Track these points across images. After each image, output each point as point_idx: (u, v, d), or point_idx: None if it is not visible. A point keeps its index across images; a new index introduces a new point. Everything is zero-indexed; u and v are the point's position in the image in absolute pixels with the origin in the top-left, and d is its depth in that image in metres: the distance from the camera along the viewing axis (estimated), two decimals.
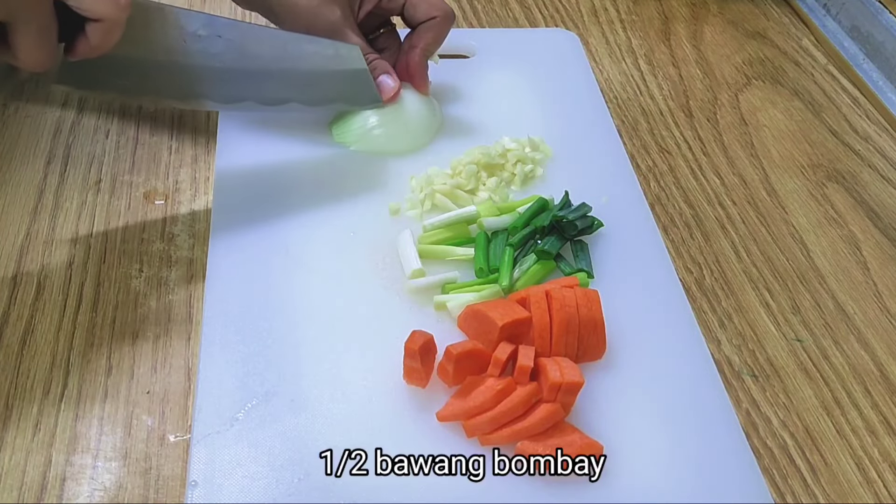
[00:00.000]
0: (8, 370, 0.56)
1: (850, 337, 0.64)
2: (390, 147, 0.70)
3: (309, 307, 0.58)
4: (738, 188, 0.76)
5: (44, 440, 0.52)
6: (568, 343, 0.54)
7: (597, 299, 0.55)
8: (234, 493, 0.48)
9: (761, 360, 0.61)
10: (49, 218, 0.66)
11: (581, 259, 0.62)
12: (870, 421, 0.58)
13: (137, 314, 0.60)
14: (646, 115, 0.83)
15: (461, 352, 0.52)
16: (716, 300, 0.65)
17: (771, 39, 0.96)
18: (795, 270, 0.68)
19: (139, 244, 0.64)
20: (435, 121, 0.72)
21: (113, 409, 0.54)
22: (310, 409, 0.52)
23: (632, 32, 0.94)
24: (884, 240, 0.72)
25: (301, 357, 0.55)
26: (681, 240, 0.70)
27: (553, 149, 0.72)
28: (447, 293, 0.59)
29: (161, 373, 0.56)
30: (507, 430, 0.50)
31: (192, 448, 0.50)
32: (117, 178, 0.70)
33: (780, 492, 0.54)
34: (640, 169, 0.76)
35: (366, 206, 0.66)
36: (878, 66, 0.90)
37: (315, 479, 0.49)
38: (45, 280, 0.61)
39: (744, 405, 0.58)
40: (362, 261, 0.61)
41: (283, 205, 0.65)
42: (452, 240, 0.63)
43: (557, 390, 0.50)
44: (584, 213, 0.64)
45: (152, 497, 0.50)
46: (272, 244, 0.62)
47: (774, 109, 0.85)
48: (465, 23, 0.93)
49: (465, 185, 0.67)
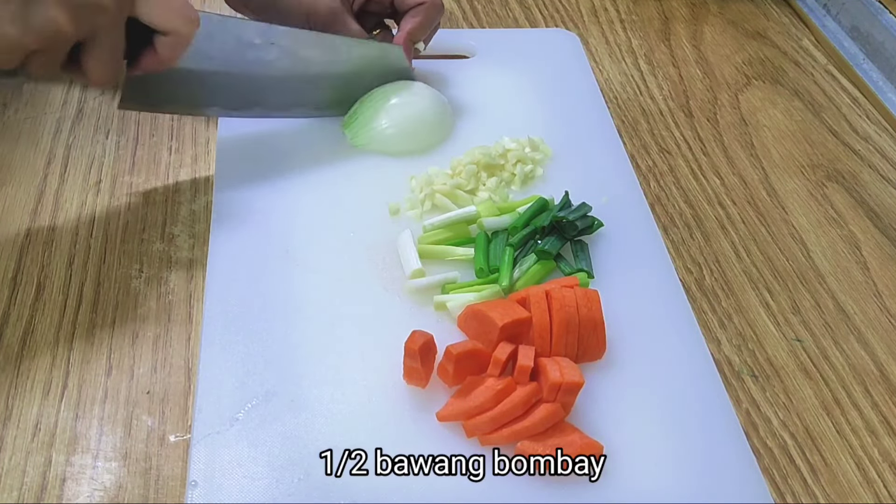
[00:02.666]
0: (8, 370, 0.56)
1: (850, 337, 0.64)
2: (404, 147, 0.70)
3: (309, 307, 0.58)
4: (738, 188, 0.76)
5: (44, 440, 0.52)
6: (568, 343, 0.54)
7: (597, 299, 0.55)
8: (234, 493, 0.48)
9: (761, 360, 0.61)
10: (49, 218, 0.66)
11: (581, 259, 0.62)
12: (870, 421, 0.58)
13: (137, 314, 0.60)
14: (646, 115, 0.83)
15: (461, 352, 0.52)
16: (716, 300, 0.65)
17: (771, 39, 0.96)
18: (795, 270, 0.68)
19: (139, 244, 0.64)
20: (447, 120, 0.72)
21: (113, 409, 0.54)
22: (310, 409, 0.52)
23: (632, 32, 0.94)
24: (884, 240, 0.72)
25: (301, 357, 0.55)
26: (681, 240, 0.70)
27: (553, 149, 0.72)
28: (447, 293, 0.59)
29: (161, 373, 0.56)
30: (507, 430, 0.50)
31: (192, 448, 0.50)
32: (117, 178, 0.70)
33: (780, 492, 0.54)
34: (640, 169, 0.76)
35: (366, 206, 0.66)
36: (878, 66, 0.90)
37: (315, 479, 0.49)
38: (45, 280, 0.61)
39: (744, 405, 0.58)
40: (362, 261, 0.61)
41: (283, 205, 0.65)
42: (452, 240, 0.63)
43: (557, 390, 0.50)
44: (584, 213, 0.64)
45: (152, 497, 0.50)
46: (272, 244, 0.62)
47: (774, 109, 0.85)
48: (465, 23, 0.93)
49: (465, 185, 0.67)
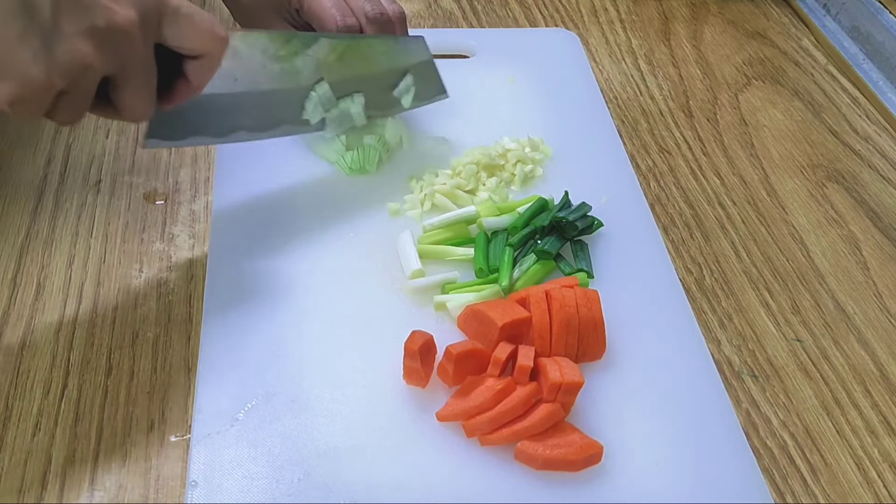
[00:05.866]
0: (8, 370, 0.56)
1: (850, 337, 0.64)
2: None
3: (309, 307, 0.58)
4: (738, 188, 0.76)
5: (44, 440, 0.52)
6: (568, 343, 0.54)
7: (597, 299, 0.55)
8: (234, 493, 0.48)
9: (761, 360, 0.61)
10: (49, 218, 0.66)
11: (581, 259, 0.62)
12: (870, 421, 0.58)
13: (137, 314, 0.60)
14: (646, 115, 0.83)
15: (461, 352, 0.52)
16: (716, 300, 0.65)
17: (771, 39, 0.96)
18: (795, 270, 0.68)
19: (139, 244, 0.64)
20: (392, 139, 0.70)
21: (113, 409, 0.54)
22: (310, 409, 0.52)
23: (632, 32, 0.94)
24: (884, 240, 0.72)
25: (301, 357, 0.55)
26: (681, 240, 0.70)
27: (553, 149, 0.72)
28: (447, 293, 0.59)
29: (161, 373, 0.56)
30: (507, 430, 0.50)
31: (192, 448, 0.50)
32: (117, 178, 0.70)
33: (780, 492, 0.54)
34: (640, 169, 0.76)
35: (366, 206, 0.66)
36: (878, 66, 0.90)
37: (315, 479, 0.49)
38: (45, 280, 0.61)
39: (744, 405, 0.58)
40: (362, 261, 0.61)
41: (283, 205, 0.65)
42: (452, 240, 0.63)
43: (557, 390, 0.50)
44: (584, 213, 0.64)
45: (152, 497, 0.50)
46: (272, 244, 0.62)
47: (774, 109, 0.85)
48: (465, 23, 0.93)
49: (465, 185, 0.67)
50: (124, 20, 0.46)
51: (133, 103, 0.49)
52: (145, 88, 0.50)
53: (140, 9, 0.46)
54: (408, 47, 0.68)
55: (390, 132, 0.69)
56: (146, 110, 0.51)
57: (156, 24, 0.48)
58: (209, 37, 0.50)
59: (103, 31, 0.45)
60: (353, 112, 0.66)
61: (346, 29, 0.65)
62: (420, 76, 0.70)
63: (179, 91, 0.52)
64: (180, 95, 0.53)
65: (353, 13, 0.66)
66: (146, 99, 0.50)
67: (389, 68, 0.68)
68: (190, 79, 0.52)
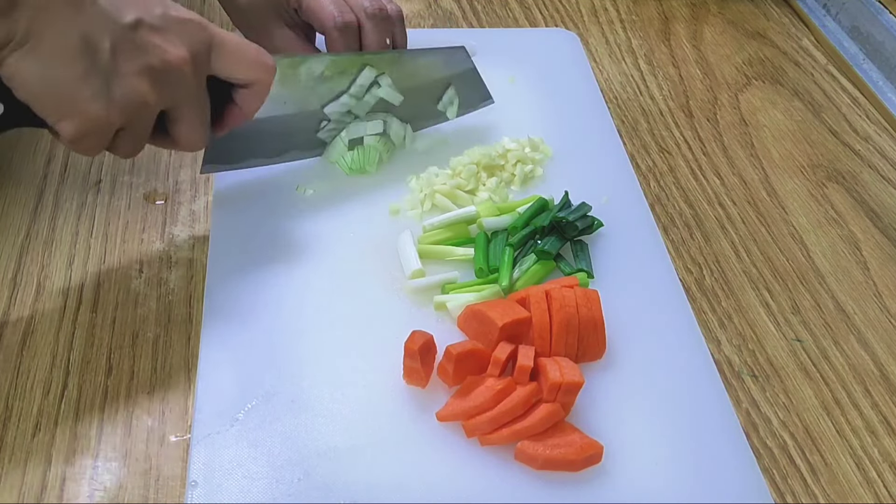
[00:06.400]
0: (8, 370, 0.56)
1: (850, 337, 0.64)
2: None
3: (309, 307, 0.58)
4: (738, 188, 0.76)
5: (44, 440, 0.52)
6: (568, 343, 0.54)
7: (597, 299, 0.55)
8: (234, 493, 0.48)
9: (761, 360, 0.61)
10: (49, 218, 0.66)
11: (581, 259, 0.62)
12: (870, 421, 0.58)
13: (137, 314, 0.60)
14: (646, 115, 0.83)
15: (461, 352, 0.52)
16: (716, 300, 0.65)
17: (771, 39, 0.96)
18: (795, 270, 0.68)
19: (139, 244, 0.64)
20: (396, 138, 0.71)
21: (113, 409, 0.54)
22: (310, 409, 0.52)
23: (632, 32, 0.94)
24: (884, 240, 0.72)
25: (301, 357, 0.55)
26: (681, 240, 0.70)
27: (553, 149, 0.72)
28: (447, 293, 0.59)
29: (161, 373, 0.56)
30: (507, 430, 0.50)
31: (192, 448, 0.50)
32: (117, 178, 0.70)
33: (780, 492, 0.54)
34: (640, 169, 0.76)
35: (366, 206, 0.66)
36: (878, 66, 0.90)
37: (315, 479, 0.49)
38: (45, 280, 0.61)
39: (744, 405, 0.58)
40: (362, 261, 0.61)
41: (284, 205, 0.65)
42: (452, 240, 0.63)
43: (557, 390, 0.50)
44: (584, 213, 0.64)
45: (152, 497, 0.50)
46: (272, 244, 0.62)
47: (774, 109, 0.85)
48: (465, 23, 0.93)
49: (465, 186, 0.67)
50: (176, 58, 0.49)
51: (188, 134, 0.53)
52: (199, 120, 0.53)
53: (190, 46, 0.50)
54: (449, 59, 0.70)
55: (394, 130, 0.69)
56: (201, 140, 0.54)
57: (206, 59, 0.51)
58: (257, 66, 0.53)
59: (158, 69, 0.48)
60: (383, 94, 0.67)
61: (344, 26, 0.65)
62: (463, 85, 0.72)
63: (231, 118, 0.56)
64: (232, 122, 0.56)
65: (351, 10, 0.66)
66: (200, 129, 0.53)
67: (432, 81, 0.70)
68: (241, 106, 0.55)
